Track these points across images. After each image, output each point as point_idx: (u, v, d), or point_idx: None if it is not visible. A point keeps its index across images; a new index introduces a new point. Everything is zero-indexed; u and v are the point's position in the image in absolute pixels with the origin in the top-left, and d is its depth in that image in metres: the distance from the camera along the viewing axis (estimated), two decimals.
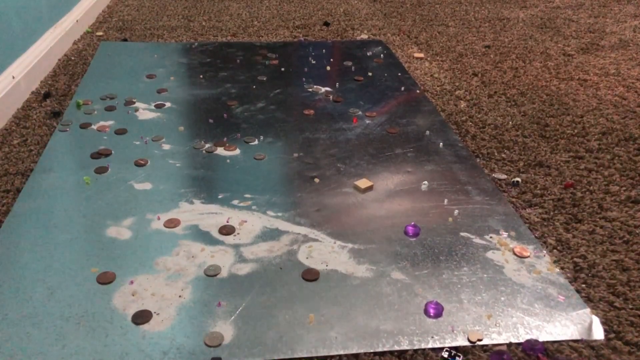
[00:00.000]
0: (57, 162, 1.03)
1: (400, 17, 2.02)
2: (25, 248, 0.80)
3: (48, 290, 0.73)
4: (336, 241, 0.84)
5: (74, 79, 1.42)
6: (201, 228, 0.85)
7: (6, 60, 1.26)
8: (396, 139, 1.15)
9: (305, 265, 0.78)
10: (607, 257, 0.83)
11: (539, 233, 0.87)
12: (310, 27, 1.88)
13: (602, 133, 1.19)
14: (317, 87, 1.39)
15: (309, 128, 1.18)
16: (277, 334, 0.67)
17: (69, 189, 0.95)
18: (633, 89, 1.42)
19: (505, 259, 0.81)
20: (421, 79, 1.47)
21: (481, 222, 0.89)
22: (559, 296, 0.74)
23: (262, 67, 1.51)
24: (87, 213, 0.88)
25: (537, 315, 0.71)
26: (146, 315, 0.69)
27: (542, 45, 1.73)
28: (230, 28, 1.86)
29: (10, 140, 1.11)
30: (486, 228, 0.87)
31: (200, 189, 0.96)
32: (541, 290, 0.75)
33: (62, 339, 0.65)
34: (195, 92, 1.35)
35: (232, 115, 1.23)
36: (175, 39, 1.73)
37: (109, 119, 1.20)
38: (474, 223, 0.88)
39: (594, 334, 0.68)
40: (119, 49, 1.62)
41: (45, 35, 1.49)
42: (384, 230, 0.86)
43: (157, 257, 0.79)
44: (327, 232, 0.85)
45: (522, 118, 1.26)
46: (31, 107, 1.26)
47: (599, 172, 1.04)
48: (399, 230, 0.86)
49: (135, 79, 1.41)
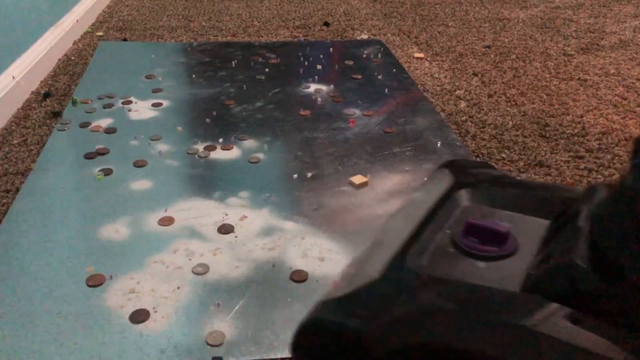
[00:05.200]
0: (56, 161, 1.03)
1: (400, 17, 2.02)
2: (24, 247, 0.80)
3: (46, 288, 0.73)
4: (334, 240, 0.84)
5: (74, 79, 1.42)
6: (199, 227, 0.85)
7: (6, 60, 1.26)
8: (394, 138, 1.15)
9: (303, 264, 0.78)
10: None
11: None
12: (310, 27, 1.88)
13: (602, 133, 1.19)
14: (316, 87, 1.39)
15: (308, 127, 1.18)
16: (274, 333, 0.67)
17: (68, 188, 0.95)
18: (633, 89, 1.42)
19: None
20: (421, 79, 1.46)
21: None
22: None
23: (261, 66, 1.51)
24: (85, 212, 0.89)
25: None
26: (144, 313, 0.69)
27: (542, 45, 1.73)
28: (230, 28, 1.86)
29: (10, 140, 1.11)
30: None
31: (198, 188, 0.96)
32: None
33: (59, 337, 0.65)
34: (193, 91, 1.35)
35: (230, 114, 1.23)
36: (175, 39, 1.73)
37: (107, 118, 1.20)
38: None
39: None
40: (119, 49, 1.62)
41: (46, 35, 1.50)
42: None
43: (155, 256, 0.79)
44: (325, 231, 0.85)
45: (522, 118, 1.26)
46: (31, 107, 1.26)
47: (599, 172, 1.04)
48: None
49: (135, 78, 1.41)
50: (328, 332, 0.54)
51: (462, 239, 0.61)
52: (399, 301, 0.53)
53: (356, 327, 0.52)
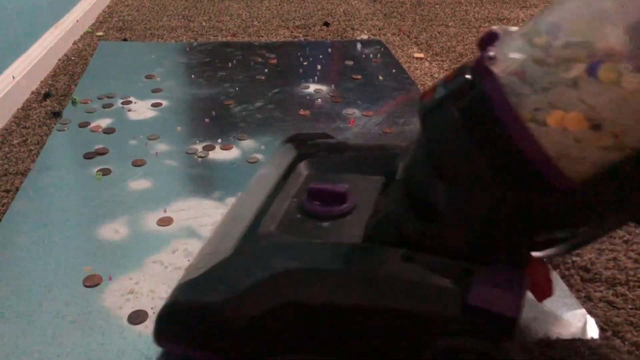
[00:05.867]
0: (55, 160, 1.03)
1: (400, 17, 2.02)
2: (22, 246, 0.81)
3: (45, 288, 0.73)
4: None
5: (74, 79, 1.42)
6: (198, 227, 0.85)
7: (6, 60, 1.26)
8: (394, 138, 1.15)
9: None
10: (606, 255, 0.82)
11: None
12: (310, 27, 1.88)
13: None
14: (315, 87, 1.39)
15: (307, 127, 1.18)
16: None
17: (67, 188, 0.95)
18: None
19: None
20: (421, 79, 1.46)
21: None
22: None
23: (261, 66, 1.51)
24: (84, 212, 0.89)
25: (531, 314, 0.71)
26: (142, 314, 0.69)
27: None
28: (230, 28, 1.86)
29: (10, 140, 1.11)
30: None
31: (197, 188, 0.96)
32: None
33: (58, 338, 0.65)
34: (193, 91, 1.35)
35: (229, 114, 1.23)
36: (175, 39, 1.73)
37: (107, 118, 1.20)
38: None
39: (588, 334, 0.68)
40: (119, 49, 1.62)
41: (46, 35, 1.50)
42: None
43: (154, 256, 0.79)
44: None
45: None
46: (31, 107, 1.26)
47: None
48: None
49: (134, 78, 1.41)
50: (188, 314, 0.56)
51: (307, 204, 0.66)
52: (254, 270, 0.56)
53: (215, 301, 0.54)
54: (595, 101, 0.46)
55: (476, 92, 0.52)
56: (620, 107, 0.45)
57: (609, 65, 0.45)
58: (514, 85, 0.50)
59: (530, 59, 0.50)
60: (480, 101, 0.51)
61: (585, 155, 0.48)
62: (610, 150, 0.48)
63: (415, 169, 0.59)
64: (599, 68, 0.45)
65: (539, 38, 0.50)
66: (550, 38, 0.49)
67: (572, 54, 0.47)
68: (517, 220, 0.52)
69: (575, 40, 0.47)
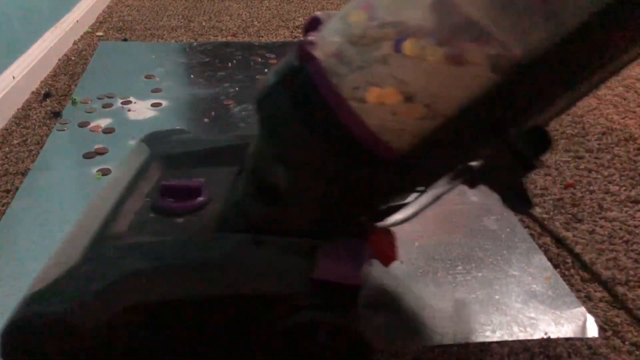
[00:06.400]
0: (55, 160, 1.03)
1: None
2: (22, 246, 0.81)
3: None
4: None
5: (74, 79, 1.42)
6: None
7: (6, 60, 1.26)
8: None
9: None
10: (606, 255, 0.82)
11: (538, 233, 0.87)
12: None
13: (602, 133, 1.19)
14: None
15: None
16: None
17: (66, 188, 0.95)
18: (633, 89, 1.41)
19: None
20: None
21: (477, 222, 0.88)
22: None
23: (261, 66, 1.51)
24: (83, 211, 0.88)
25: (532, 313, 0.71)
26: None
27: None
28: (230, 28, 1.86)
29: (10, 140, 1.11)
30: (481, 228, 0.87)
31: None
32: (536, 288, 0.75)
33: None
34: (193, 91, 1.35)
35: (229, 114, 1.23)
36: (175, 39, 1.73)
37: (107, 117, 1.20)
38: (469, 223, 0.88)
39: (588, 333, 0.68)
40: (119, 49, 1.62)
41: (46, 35, 1.50)
42: None
43: None
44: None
45: None
46: (31, 107, 1.26)
47: (599, 172, 1.04)
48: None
49: (134, 78, 1.41)
50: (33, 326, 0.54)
51: (160, 202, 0.66)
52: (101, 274, 0.55)
53: (59, 311, 0.53)
54: (405, 75, 0.48)
55: (302, 77, 0.54)
56: (427, 78, 0.48)
57: (413, 41, 0.48)
58: (333, 66, 0.52)
59: (347, 40, 0.51)
60: (306, 85, 0.53)
61: (404, 127, 0.51)
62: (425, 120, 0.50)
63: (258, 155, 0.60)
64: (403, 44, 0.48)
65: (355, 18, 0.52)
66: (367, 19, 0.51)
67: (382, 33, 0.49)
68: (353, 195, 0.55)
69: (389, 20, 0.49)
